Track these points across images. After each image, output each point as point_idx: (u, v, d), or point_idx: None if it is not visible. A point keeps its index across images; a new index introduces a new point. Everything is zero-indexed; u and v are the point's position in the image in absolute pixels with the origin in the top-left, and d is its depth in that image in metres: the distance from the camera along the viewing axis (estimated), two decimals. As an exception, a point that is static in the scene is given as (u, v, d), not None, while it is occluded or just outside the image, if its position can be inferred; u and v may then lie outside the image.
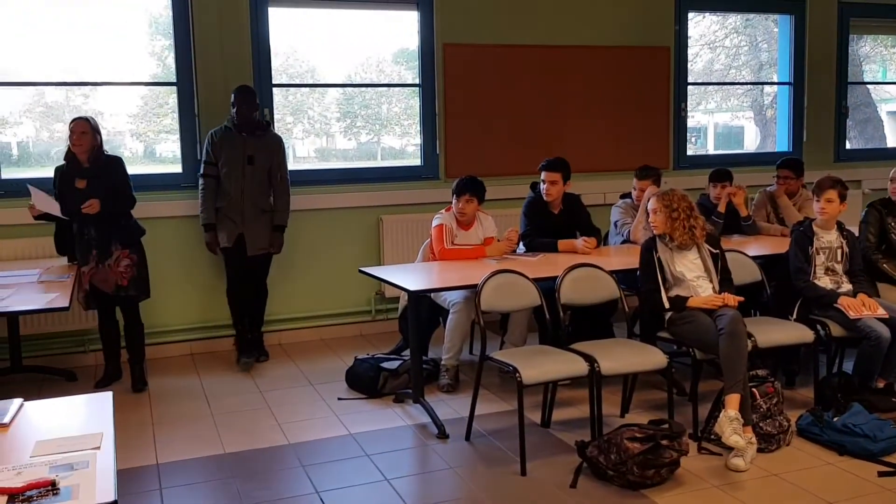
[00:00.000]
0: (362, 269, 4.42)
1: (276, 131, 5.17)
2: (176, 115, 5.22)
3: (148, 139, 5.59)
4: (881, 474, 3.22)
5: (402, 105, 6.08)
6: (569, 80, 6.02)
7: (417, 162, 5.85)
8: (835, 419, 3.49)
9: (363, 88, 6.01)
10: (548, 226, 4.74)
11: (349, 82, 5.90)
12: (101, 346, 4.67)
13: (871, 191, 6.80)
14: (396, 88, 6.04)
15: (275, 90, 5.42)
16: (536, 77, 5.93)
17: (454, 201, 4.55)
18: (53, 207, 4.36)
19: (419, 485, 3.33)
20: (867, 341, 3.78)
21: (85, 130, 4.32)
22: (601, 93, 6.13)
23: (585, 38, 6.03)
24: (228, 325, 5.26)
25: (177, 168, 5.24)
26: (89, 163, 4.35)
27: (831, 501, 3.01)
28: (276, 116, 5.43)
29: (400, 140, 6.26)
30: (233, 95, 4.88)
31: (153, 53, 5.37)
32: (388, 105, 6.15)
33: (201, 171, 4.91)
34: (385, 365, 4.37)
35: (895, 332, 3.78)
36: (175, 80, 5.16)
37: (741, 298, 3.70)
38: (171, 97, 5.30)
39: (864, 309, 3.81)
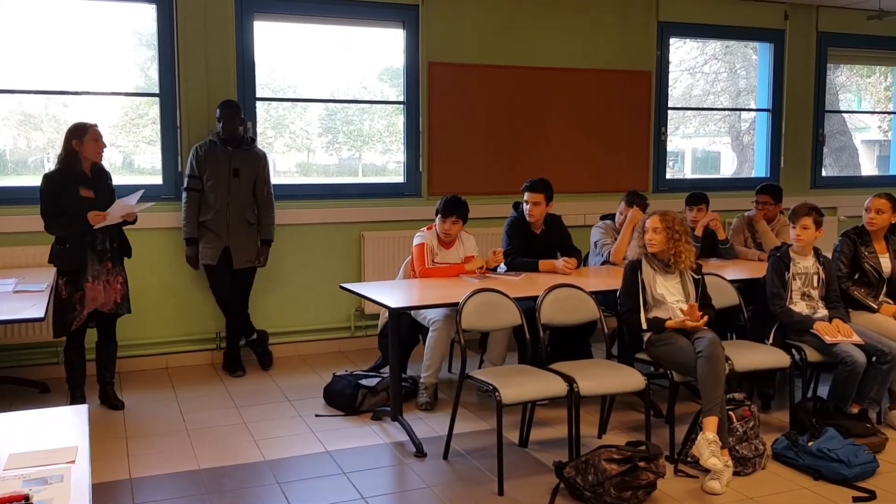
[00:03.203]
0: (343, 285, 4.40)
1: (258, 145, 5.17)
2: (157, 127, 5.19)
3: (127, 150, 5.55)
4: (855, 500, 3.25)
5: (385, 122, 6.10)
6: (552, 102, 6.08)
7: (400, 179, 5.86)
8: (810, 444, 3.52)
9: (345, 105, 6.02)
10: (529, 246, 4.77)
11: (333, 98, 5.91)
12: (69, 374, 4.29)
13: (847, 218, 6.92)
14: (379, 105, 6.06)
15: (257, 104, 5.41)
16: (520, 98, 5.98)
17: (439, 221, 4.56)
18: (129, 208, 4.16)
19: (396, 504, 3.31)
20: (843, 366, 3.82)
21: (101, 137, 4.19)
22: (584, 115, 6.19)
23: (569, 60, 6.10)
24: (205, 339, 5.23)
25: (157, 179, 5.20)
26: (91, 172, 4.21)
27: (806, 525, 3.04)
28: (257, 130, 5.42)
29: (382, 157, 6.27)
30: (218, 110, 4.88)
31: (136, 64, 5.35)
32: (370, 122, 6.16)
33: (185, 184, 4.89)
34: (364, 382, 4.34)
35: (871, 358, 3.84)
36: (158, 92, 5.14)
37: (705, 318, 3.72)
38: (151, 108, 5.27)
39: (839, 334, 3.86)
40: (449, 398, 4.26)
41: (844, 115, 7.99)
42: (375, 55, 5.91)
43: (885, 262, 4.27)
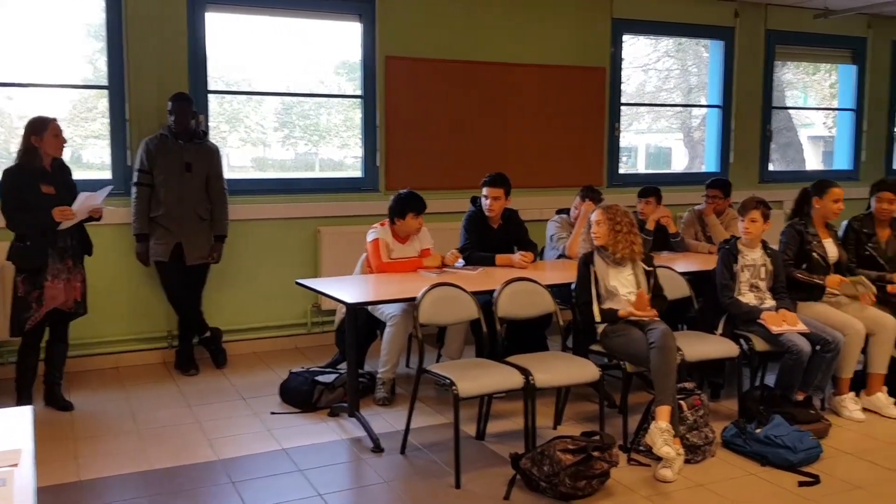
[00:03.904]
0: (298, 281, 4.37)
1: (211, 139, 5.10)
2: (106, 120, 5.08)
3: (75, 144, 5.42)
4: (801, 484, 3.34)
5: (342, 116, 6.06)
6: (508, 97, 6.11)
7: (357, 173, 5.83)
8: (757, 431, 3.61)
9: (301, 99, 5.96)
10: (487, 240, 4.79)
11: (288, 92, 5.85)
12: (20, 375, 4.18)
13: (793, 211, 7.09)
14: (336, 99, 6.02)
15: (211, 97, 5.33)
16: (477, 93, 6.00)
17: (399, 219, 4.54)
18: (95, 204, 4.06)
19: (353, 499, 3.30)
20: (789, 355, 3.93)
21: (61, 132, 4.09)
22: (539, 110, 6.23)
23: (526, 56, 6.14)
24: (157, 338, 5.14)
25: (106, 174, 5.09)
26: (52, 168, 4.09)
27: (754, 510, 3.12)
28: (211, 124, 5.34)
29: (340, 151, 6.23)
30: (169, 103, 4.80)
31: (85, 56, 5.22)
32: (327, 116, 6.12)
33: (135, 179, 4.80)
34: (320, 378, 4.32)
35: (815, 347, 3.95)
36: (107, 84, 5.03)
37: (654, 311, 3.80)
38: (100, 101, 5.15)
39: (784, 323, 3.96)
40: (407, 393, 4.26)
41: (791, 111, 8.20)
42: (332, 49, 5.87)
43: (830, 248, 4.38)
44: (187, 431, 3.95)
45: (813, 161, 8.92)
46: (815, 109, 8.62)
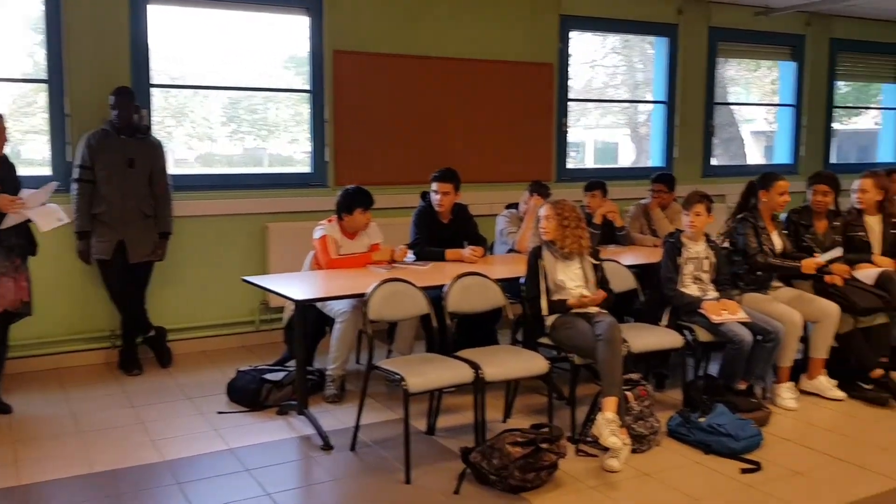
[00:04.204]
0: (245, 278, 4.32)
1: (156, 134, 5.00)
2: (46, 115, 4.93)
3: (15, 139, 5.25)
4: (743, 471, 3.43)
5: (291, 111, 6.00)
6: (458, 92, 6.12)
7: (306, 169, 5.78)
8: (701, 420, 3.70)
9: (250, 93, 5.88)
10: (437, 235, 4.80)
11: (235, 86, 5.76)
12: None
13: (735, 205, 7.26)
14: (284, 94, 5.95)
15: (156, 92, 5.22)
16: (427, 88, 5.99)
17: (346, 215, 4.51)
18: (39, 200, 3.95)
19: (302, 498, 3.27)
20: (731, 345, 4.03)
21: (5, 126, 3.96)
22: (488, 106, 6.26)
23: (475, 51, 6.16)
24: (99, 338, 5.03)
25: (46, 170, 4.95)
26: None
27: (697, 498, 3.18)
28: (156, 119, 5.23)
29: (289, 146, 6.16)
30: (111, 97, 4.69)
31: (24, 49, 5.06)
32: (276, 111, 6.05)
33: (76, 175, 4.67)
34: (268, 376, 4.27)
35: (756, 337, 4.05)
36: (46, 78, 4.88)
37: (602, 296, 3.88)
38: (40, 96, 5.00)
39: (723, 312, 4.06)
40: (357, 389, 4.24)
41: (733, 107, 8.39)
42: (280, 43, 5.80)
43: (776, 240, 4.49)
44: (131, 433, 3.87)
45: (755, 155, 9.14)
46: (757, 105, 8.83)
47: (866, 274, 4.61)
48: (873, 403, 4.25)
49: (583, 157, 8.21)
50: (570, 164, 6.87)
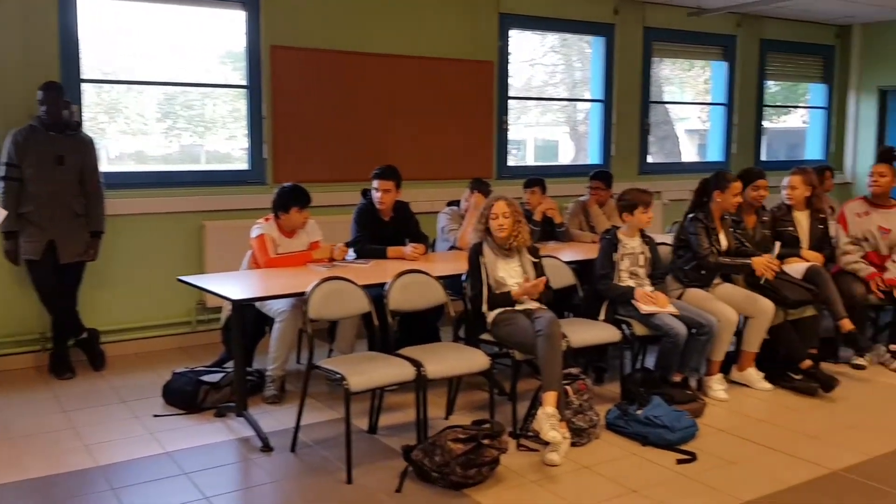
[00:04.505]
0: (181, 277, 4.22)
1: (88, 131, 4.85)
2: (-32, 111, 4.74)
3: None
4: (679, 462, 3.52)
5: (229, 107, 5.89)
6: (399, 89, 6.10)
7: (244, 166, 5.68)
8: (638, 412, 3.78)
9: (186, 88, 5.74)
10: (378, 233, 4.78)
11: (171, 81, 5.62)
12: None
13: (671, 201, 7.45)
14: (222, 90, 5.84)
15: (87, 87, 5.06)
16: (366, 84, 5.96)
17: (283, 213, 4.45)
18: None
19: (241, 501, 3.22)
20: (666, 338, 4.12)
21: None
22: (429, 103, 6.26)
23: (415, 48, 6.15)
24: (28, 341, 4.86)
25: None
26: None
27: (635, 489, 3.25)
28: (88, 115, 5.07)
29: (227, 143, 6.05)
30: (39, 92, 4.53)
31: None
32: (213, 107, 5.93)
33: (2, 173, 4.51)
34: (205, 378, 4.19)
35: (691, 330, 4.16)
36: (-33, 72, 4.69)
37: (544, 279, 3.93)
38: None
39: (651, 302, 4.15)
40: (297, 390, 4.19)
41: (668, 105, 8.57)
42: (217, 37, 5.68)
43: (723, 239, 4.57)
44: (63, 438, 3.75)
45: (689, 153, 9.36)
46: (690, 104, 9.04)
47: (795, 268, 4.77)
48: (802, 393, 4.41)
49: (524, 154, 8.27)
50: (510, 162, 6.93)
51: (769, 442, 3.75)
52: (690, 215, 4.56)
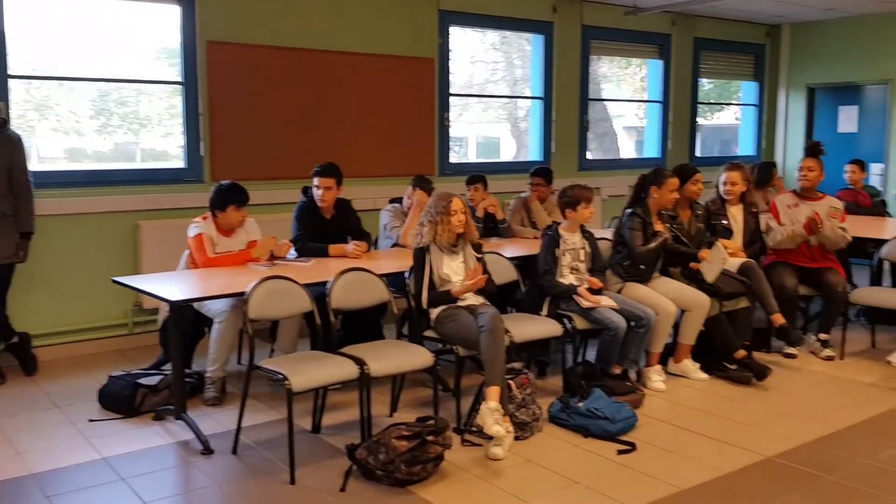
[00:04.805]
0: (116, 278, 4.11)
1: (17, 129, 4.68)
2: None
3: None
4: (620, 452, 3.59)
5: (165, 104, 5.75)
6: (339, 86, 6.05)
7: (181, 164, 5.56)
8: (580, 404, 3.84)
9: (120, 85, 5.58)
10: (320, 231, 4.74)
11: (104, 77, 5.45)
12: None
13: (609, 197, 7.58)
14: (158, 86, 5.70)
15: (16, 83, 4.88)
16: (306, 81, 5.90)
17: (220, 212, 4.38)
18: None
19: (182, 504, 3.17)
20: (606, 332, 4.20)
21: None
22: (370, 100, 6.23)
23: (355, 44, 6.11)
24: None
25: None
26: None
27: (577, 480, 3.30)
28: (16, 113, 4.89)
29: (163, 141, 5.91)
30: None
31: None
32: (148, 104, 5.78)
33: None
34: (143, 381, 4.09)
35: (630, 323, 4.24)
36: None
37: (485, 277, 3.96)
38: None
39: (589, 295, 4.22)
40: (238, 391, 4.13)
41: (606, 103, 8.72)
42: (151, 32, 5.54)
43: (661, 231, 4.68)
44: (-8, 447, 3.62)
45: (627, 150, 9.55)
46: (628, 101, 9.22)
47: (729, 262, 4.91)
48: (737, 383, 4.54)
49: (466, 151, 8.31)
50: (452, 159, 6.95)
51: (706, 430, 3.85)
52: (628, 210, 4.65)
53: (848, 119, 8.91)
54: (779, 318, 4.79)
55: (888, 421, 3.99)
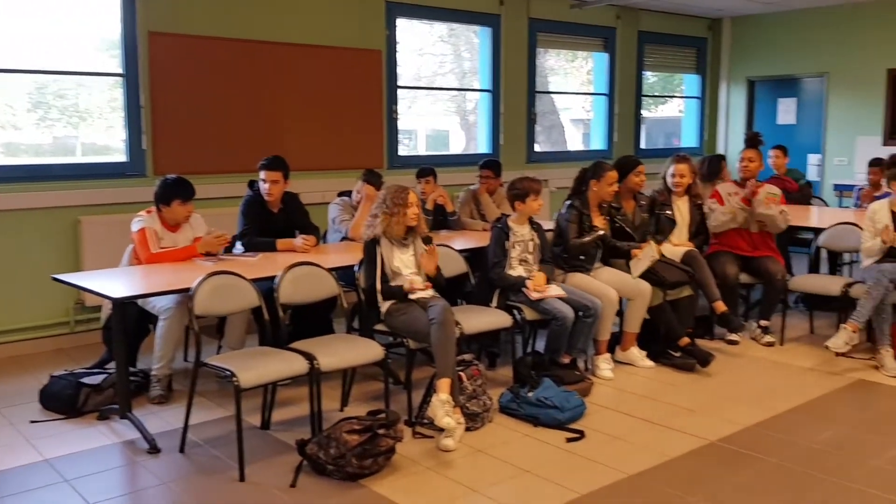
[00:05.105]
0: (55, 276, 4.00)
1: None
2: None
3: None
4: (569, 440, 3.64)
5: (106, 96, 5.60)
6: (285, 78, 5.98)
7: (123, 158, 5.43)
8: (529, 394, 3.88)
9: (59, 77, 5.41)
10: (267, 225, 4.68)
11: (41, 69, 5.28)
12: None
13: (557, 189, 7.66)
14: (98, 79, 5.54)
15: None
16: (252, 73, 5.81)
17: (165, 206, 4.29)
18: None
19: (128, 505, 3.11)
20: (555, 322, 4.25)
21: None
22: (318, 92, 6.17)
23: (301, 36, 6.04)
24: None
25: None
26: None
27: (527, 469, 3.34)
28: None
29: (105, 134, 5.76)
30: None
31: None
32: (88, 96, 5.63)
33: None
34: (86, 380, 4.00)
35: (578, 313, 4.30)
36: None
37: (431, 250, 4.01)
38: None
39: (537, 286, 4.27)
40: (185, 389, 4.06)
41: (554, 95, 8.81)
42: (92, 23, 5.38)
43: (600, 224, 4.72)
44: (-73, 452, 3.50)
45: (574, 142, 9.66)
46: (574, 94, 9.32)
47: (673, 251, 5.02)
48: (681, 369, 4.65)
49: (415, 144, 8.31)
50: (402, 151, 6.93)
51: (652, 417, 3.93)
52: (567, 203, 4.70)
53: (787, 111, 9.17)
54: (720, 306, 4.92)
55: (826, 404, 4.14)
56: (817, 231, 5.55)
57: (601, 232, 4.59)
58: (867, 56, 8.32)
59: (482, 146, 7.56)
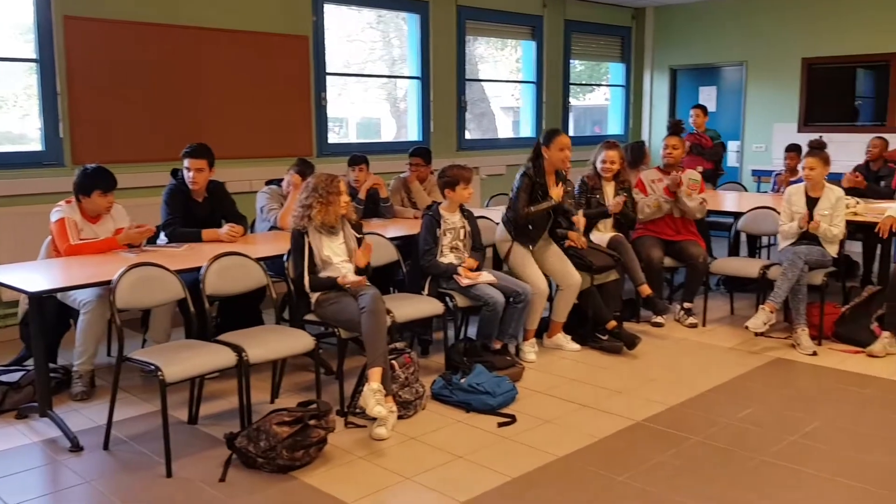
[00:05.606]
0: (-34, 270, 3.82)
1: None
2: None
3: None
4: (500, 425, 3.69)
5: (23, 83, 5.35)
6: (210, 64, 5.83)
7: (39, 147, 5.21)
8: (462, 381, 3.91)
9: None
10: (191, 215, 4.57)
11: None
12: None
13: (487, 176, 7.71)
14: (10, 64, 5.29)
15: None
16: (174, 59, 5.64)
17: (84, 197, 4.14)
18: None
19: (49, 506, 3.01)
20: (486, 308, 4.29)
21: None
22: (244, 79, 6.04)
23: (225, 21, 5.89)
24: None
25: None
26: None
27: (460, 455, 3.37)
28: None
29: (21, 123, 5.51)
30: None
31: None
32: (2, 83, 5.36)
33: None
34: (3, 378, 3.85)
35: (508, 299, 4.35)
36: None
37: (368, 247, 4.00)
38: None
39: (468, 273, 4.31)
40: (109, 384, 3.94)
41: (484, 83, 8.84)
42: (4, 7, 5.12)
43: (555, 192, 4.63)
44: None
45: (504, 129, 9.73)
46: (504, 82, 9.37)
47: (600, 237, 5.12)
48: (609, 352, 4.76)
49: (346, 131, 8.22)
50: (332, 139, 6.85)
51: (581, 399, 4.02)
52: (521, 170, 4.68)
53: (707, 98, 9.43)
54: (645, 289, 5.06)
55: (746, 382, 4.30)
56: (736, 215, 5.75)
57: (554, 201, 4.59)
58: (784, 46, 8.63)
59: (413, 134, 7.54)
